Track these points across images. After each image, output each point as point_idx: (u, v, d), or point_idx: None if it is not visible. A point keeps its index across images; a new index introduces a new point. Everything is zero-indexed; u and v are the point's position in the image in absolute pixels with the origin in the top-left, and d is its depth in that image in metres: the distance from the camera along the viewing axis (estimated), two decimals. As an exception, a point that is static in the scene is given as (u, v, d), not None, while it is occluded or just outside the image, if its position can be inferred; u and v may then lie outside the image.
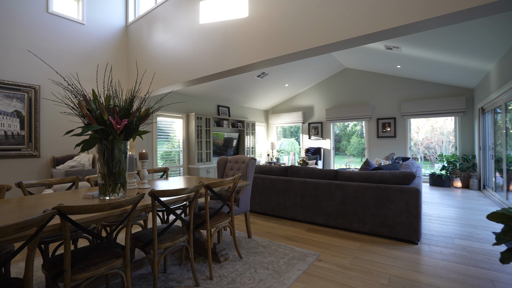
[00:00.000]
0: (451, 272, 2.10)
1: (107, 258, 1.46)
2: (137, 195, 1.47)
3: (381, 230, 2.89)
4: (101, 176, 1.80)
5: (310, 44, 2.82)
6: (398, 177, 2.88)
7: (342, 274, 2.10)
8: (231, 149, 8.17)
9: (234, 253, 2.52)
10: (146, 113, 1.89)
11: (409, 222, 2.73)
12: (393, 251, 2.52)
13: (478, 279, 1.99)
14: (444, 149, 9.61)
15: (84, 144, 1.70)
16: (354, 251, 2.55)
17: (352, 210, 3.10)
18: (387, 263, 2.27)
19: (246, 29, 3.36)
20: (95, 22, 4.94)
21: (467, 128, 6.32)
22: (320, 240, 2.85)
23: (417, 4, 2.18)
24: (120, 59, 5.28)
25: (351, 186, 3.14)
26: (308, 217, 3.46)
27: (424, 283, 1.94)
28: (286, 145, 10.57)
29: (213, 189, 2.07)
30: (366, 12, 2.45)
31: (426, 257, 2.39)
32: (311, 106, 9.11)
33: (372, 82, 7.67)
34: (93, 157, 4.59)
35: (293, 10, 2.93)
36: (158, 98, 5.79)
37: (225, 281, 2.00)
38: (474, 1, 1.94)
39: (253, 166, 3.01)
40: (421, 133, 10.35)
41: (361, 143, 11.99)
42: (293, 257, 2.41)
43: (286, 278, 2.04)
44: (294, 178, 3.64)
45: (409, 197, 2.74)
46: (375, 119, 7.68)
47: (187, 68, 4.10)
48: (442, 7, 2.07)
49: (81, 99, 1.71)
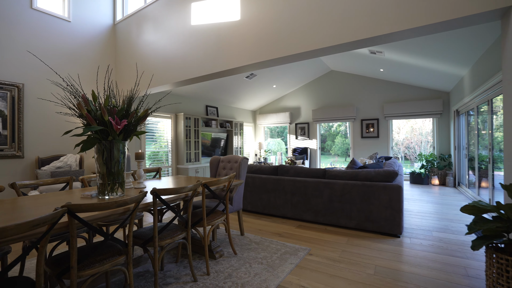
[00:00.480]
0: (429, 261, 2.29)
1: (110, 256, 1.50)
2: (140, 193, 1.52)
3: (367, 225, 3.07)
4: (100, 176, 1.82)
5: (300, 49, 2.95)
6: (382, 175, 3.07)
7: (331, 266, 2.24)
8: (219, 149, 8.18)
9: (229, 250, 2.60)
10: (144, 113, 1.93)
11: (392, 217, 2.93)
12: (378, 244, 2.70)
13: (453, 266, 2.19)
14: (423, 148, 10.12)
15: (84, 144, 1.72)
16: (342, 245, 2.70)
17: (340, 207, 3.26)
18: (373, 255, 2.44)
19: (238, 32, 3.44)
20: (82, 19, 4.84)
21: (444, 129, 6.72)
22: (310, 236, 2.98)
23: (396, 16, 2.36)
24: (107, 57, 5.19)
25: (338, 184, 3.30)
26: (297, 215, 3.59)
27: (406, 271, 2.12)
28: (272, 145, 10.73)
29: (209, 188, 2.14)
30: (352, 20, 2.60)
31: (408, 248, 2.58)
32: (298, 107, 9.30)
33: (357, 84, 7.96)
34: (80, 157, 4.50)
35: (284, 16, 3.05)
36: (149, 98, 5.74)
37: (222, 276, 2.08)
38: (444, 16, 2.13)
39: (245, 165, 3.10)
40: (402, 133, 10.85)
41: (345, 143, 12.38)
42: (285, 252, 2.53)
43: (280, 271, 2.15)
44: (284, 177, 3.77)
45: (392, 193, 2.94)
46: (360, 120, 7.97)
47: (179, 68, 4.12)
48: (418, 20, 2.25)
49: (81, 99, 1.73)
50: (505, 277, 1.58)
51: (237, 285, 1.94)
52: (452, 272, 2.10)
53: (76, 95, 1.77)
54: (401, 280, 1.99)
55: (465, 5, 2.07)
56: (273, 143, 10.89)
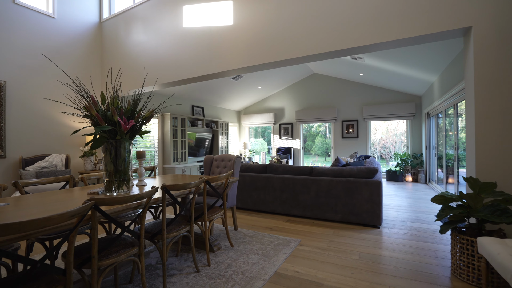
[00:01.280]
0: (405, 246, 2.60)
1: (124, 247, 1.61)
2: (152, 189, 1.64)
3: (350, 217, 3.35)
4: (107, 174, 1.91)
5: (289, 55, 3.16)
6: (364, 172, 3.37)
7: (321, 254, 2.47)
8: (203, 149, 8.20)
9: (225, 243, 2.75)
10: (150, 114, 2.04)
11: (372, 210, 3.23)
12: (360, 234, 2.98)
13: (425, 250, 2.50)
14: (397, 148, 10.82)
15: (93, 143, 1.81)
16: (329, 236, 2.95)
17: (326, 202, 3.52)
18: (357, 243, 2.70)
19: (231, 36, 3.60)
20: (67, 16, 4.74)
21: (416, 130, 7.29)
22: (299, 229, 3.21)
23: (378, 30, 2.64)
24: (93, 55, 5.11)
25: (324, 180, 3.56)
26: (286, 210, 3.81)
27: (385, 256, 2.40)
28: (255, 145, 10.96)
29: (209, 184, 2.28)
30: (338, 32, 2.85)
31: (386, 237, 2.88)
32: (282, 108, 9.58)
33: (338, 87, 8.37)
34: (66, 157, 4.42)
35: (276, 23, 3.25)
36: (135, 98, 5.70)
37: (222, 266, 2.23)
38: (417, 32, 2.44)
39: (239, 163, 3.26)
40: (378, 134, 11.52)
41: (325, 143, 12.87)
42: (278, 244, 2.73)
43: (275, 260, 2.34)
44: (273, 175, 3.97)
45: (372, 188, 3.24)
46: (340, 121, 8.39)
47: (170, 69, 4.19)
48: (395, 33, 2.54)
49: (90, 100, 1.81)
50: (465, 254, 1.88)
51: (238, 273, 2.11)
52: (424, 254, 2.41)
53: (85, 96, 1.84)
54: (382, 263, 2.26)
55: (435, 23, 2.39)
56: (256, 143, 11.13)
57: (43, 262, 1.09)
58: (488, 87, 2.23)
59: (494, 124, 2.20)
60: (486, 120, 2.23)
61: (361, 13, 2.73)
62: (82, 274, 1.41)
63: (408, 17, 2.51)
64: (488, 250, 1.54)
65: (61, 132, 4.60)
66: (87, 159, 4.51)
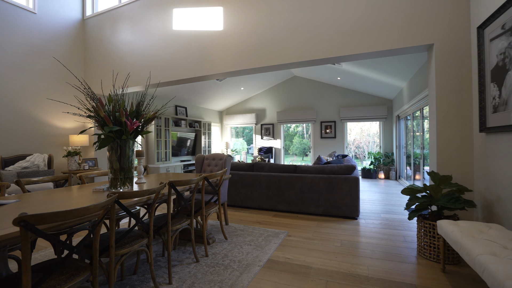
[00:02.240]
0: (379, 234, 2.96)
1: (135, 238, 1.75)
2: (160, 184, 1.80)
3: (332, 211, 3.68)
4: (112, 171, 2.02)
5: (277, 61, 3.41)
6: (344, 169, 3.71)
7: (307, 243, 2.74)
8: (185, 149, 8.19)
9: (219, 236, 2.93)
10: (153, 115, 2.17)
11: (351, 203, 3.58)
12: (341, 225, 3.31)
13: (395, 236, 2.87)
14: (370, 148, 11.56)
15: (101, 142, 1.92)
16: (313, 227, 3.24)
17: (309, 197, 3.82)
18: (338, 233, 3.02)
19: (221, 41, 3.77)
20: (49, 12, 4.62)
21: (388, 131, 7.91)
22: (286, 222, 3.47)
23: (357, 42, 2.97)
24: (75, 53, 5.01)
25: (308, 177, 3.86)
26: (273, 206, 4.06)
27: (363, 242, 2.72)
28: (236, 145, 11.17)
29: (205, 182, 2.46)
30: (322, 41, 3.15)
31: (363, 226, 3.23)
32: (264, 109, 9.85)
33: (317, 89, 8.81)
34: (48, 157, 4.32)
35: (265, 31, 3.48)
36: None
37: (219, 256, 2.42)
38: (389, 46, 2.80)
39: (229, 162, 3.45)
40: (352, 134, 12.23)
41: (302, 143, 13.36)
42: (268, 235, 2.96)
43: (267, 249, 2.57)
44: (260, 173, 4.20)
45: (351, 184, 3.59)
46: (319, 122, 8.83)
47: (159, 70, 4.26)
48: (372, 46, 2.89)
49: (97, 102, 1.91)
50: (428, 236, 2.24)
51: (235, 261, 2.31)
52: (395, 240, 2.77)
53: (93, 98, 1.94)
54: (360, 248, 2.58)
55: (404, 40, 2.76)
56: (237, 143, 11.33)
57: (80, 248, 1.22)
58: (447, 95, 2.63)
59: (451, 127, 2.61)
60: (445, 123, 2.63)
61: (341, 28, 3.05)
62: (100, 262, 1.54)
63: (381, 33, 2.86)
64: (445, 230, 1.88)
65: (42, 131, 4.48)
66: (71, 158, 4.44)
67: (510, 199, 1.92)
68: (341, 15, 3.04)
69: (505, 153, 1.99)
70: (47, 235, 1.04)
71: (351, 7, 2.99)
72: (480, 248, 1.45)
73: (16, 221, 0.96)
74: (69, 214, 1.08)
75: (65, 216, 1.07)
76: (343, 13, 3.03)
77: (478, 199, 2.43)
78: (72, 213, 1.09)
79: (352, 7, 2.99)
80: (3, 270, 1.40)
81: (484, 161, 2.31)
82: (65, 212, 1.06)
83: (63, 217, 1.06)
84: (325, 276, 2.05)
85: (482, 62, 2.24)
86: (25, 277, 1.01)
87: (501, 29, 1.98)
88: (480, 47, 2.26)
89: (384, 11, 2.84)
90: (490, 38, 2.13)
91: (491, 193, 2.18)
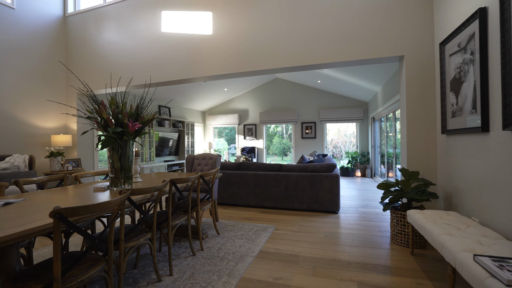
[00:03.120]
0: (357, 225, 3.27)
1: (140, 233, 1.87)
2: (163, 182, 1.93)
3: (315, 206, 3.96)
4: (113, 171, 2.11)
5: (264, 66, 3.62)
6: (325, 167, 4.00)
7: (294, 235, 2.98)
8: (167, 149, 8.13)
9: (211, 232, 3.08)
10: (152, 117, 2.29)
11: (332, 198, 3.88)
12: (323, 219, 3.59)
13: (372, 227, 3.20)
14: (347, 148, 12.17)
15: (103, 143, 2.01)
16: (298, 222, 3.50)
17: (294, 194, 4.08)
18: (321, 226, 3.29)
19: (210, 45, 3.90)
20: (28, 7, 4.47)
21: (364, 131, 8.43)
22: (273, 218, 3.69)
23: (337, 52, 3.26)
24: (55, 51, 4.88)
25: (292, 175, 4.11)
26: (259, 203, 4.27)
27: (344, 232, 3.02)
28: (218, 145, 11.28)
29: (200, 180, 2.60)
30: (306, 50, 3.40)
31: (343, 219, 3.54)
32: (247, 109, 10.04)
33: (298, 91, 9.16)
34: (29, 158, 4.20)
35: (252, 37, 3.67)
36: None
37: (214, 250, 2.58)
38: (365, 55, 3.12)
39: (219, 161, 3.60)
40: (330, 135, 12.80)
41: (282, 143, 13.72)
42: (257, 230, 3.16)
43: (258, 242, 2.77)
44: (247, 172, 4.40)
45: (332, 181, 3.89)
46: (300, 122, 9.19)
47: (146, 71, 4.30)
48: (350, 55, 3.20)
49: (100, 104, 2.00)
50: (400, 225, 2.57)
51: (229, 253, 2.48)
52: (371, 230, 3.09)
53: (95, 100, 2.02)
54: (341, 238, 2.86)
55: (378, 51, 3.08)
56: (219, 143, 11.44)
57: (100, 238, 1.34)
58: (415, 101, 2.99)
59: (418, 129, 2.97)
60: (413, 125, 2.99)
61: (323, 38, 3.32)
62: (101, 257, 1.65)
63: (359, 44, 3.17)
64: (413, 218, 2.20)
65: (21, 131, 4.33)
66: (54, 159, 4.34)
67: (465, 191, 2.28)
68: (323, 27, 3.32)
69: (461, 152, 2.35)
70: (76, 227, 1.16)
71: (332, 20, 3.28)
72: (439, 230, 1.75)
73: (52, 213, 1.08)
74: (95, 208, 1.21)
75: (92, 209, 1.20)
76: (325, 25, 3.31)
77: (440, 191, 2.80)
78: (98, 206, 1.22)
79: (334, 20, 3.27)
80: (16, 265, 1.47)
81: (445, 158, 2.68)
82: (92, 206, 1.19)
83: (90, 210, 1.18)
84: (312, 262, 2.29)
85: (443, 73, 2.61)
86: (56, 264, 1.12)
87: (457, 47, 2.34)
88: (442, 61, 2.62)
89: (362, 25, 3.15)
90: (450, 54, 2.49)
91: (451, 186, 2.55)
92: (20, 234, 1.04)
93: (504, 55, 1.68)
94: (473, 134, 2.12)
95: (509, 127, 1.64)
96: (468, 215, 2.21)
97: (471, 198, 2.17)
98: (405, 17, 3.00)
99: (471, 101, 2.11)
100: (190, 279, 2.01)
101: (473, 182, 2.13)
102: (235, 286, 1.92)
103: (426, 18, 2.94)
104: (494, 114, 1.85)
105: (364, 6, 3.15)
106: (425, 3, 2.94)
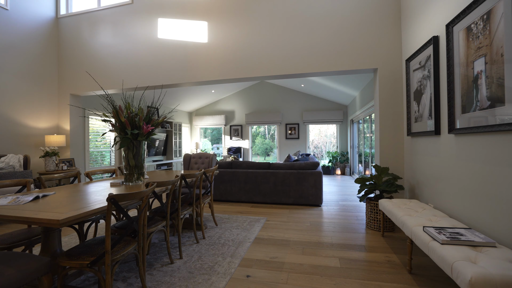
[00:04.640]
0: (338, 215, 3.73)
1: (155, 222, 2.17)
2: (176, 177, 2.24)
3: (300, 200, 4.39)
4: (128, 168, 2.39)
5: (255, 74, 3.99)
6: (310, 165, 4.45)
7: (284, 225, 3.38)
8: (154, 149, 8.20)
9: (209, 224, 3.40)
10: (163, 120, 2.58)
11: (316, 193, 4.32)
12: (308, 211, 4.02)
13: (350, 217, 3.68)
14: (327, 148, 12.84)
15: (121, 143, 2.28)
16: (286, 214, 3.90)
17: (282, 189, 4.48)
18: (307, 216, 3.72)
19: (205, 52, 4.21)
20: (21, 8, 4.52)
21: (343, 132, 9.06)
22: (263, 211, 4.07)
23: (318, 63, 3.70)
24: (48, 52, 4.94)
25: (280, 173, 4.52)
26: (250, 198, 4.63)
27: (326, 222, 3.46)
28: (204, 145, 11.51)
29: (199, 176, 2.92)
30: (292, 60, 3.81)
31: (326, 211, 3.99)
32: (233, 111, 10.35)
33: (283, 94, 9.63)
34: (24, 157, 4.27)
35: (245, 46, 4.02)
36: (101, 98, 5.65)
37: (214, 238, 2.90)
38: (343, 67, 3.59)
39: (215, 160, 3.92)
40: (311, 135, 13.42)
41: (265, 143, 14.14)
42: (251, 221, 3.52)
43: (253, 231, 3.14)
44: (238, 170, 4.74)
45: (316, 177, 4.34)
46: (284, 124, 9.66)
47: (142, 75, 4.51)
48: (329, 66, 3.65)
49: (118, 109, 2.26)
50: (373, 212, 3.04)
51: (229, 240, 2.83)
52: (350, 219, 3.57)
53: (113, 105, 2.28)
54: (325, 226, 3.29)
55: (355, 63, 3.56)
56: (205, 143, 11.67)
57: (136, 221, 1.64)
58: (386, 107, 3.49)
59: (389, 131, 3.47)
60: (385, 128, 3.49)
61: (308, 50, 3.75)
62: (132, 239, 1.94)
63: (339, 57, 3.63)
64: (383, 205, 2.66)
65: (14, 131, 4.38)
66: (49, 159, 4.43)
67: (424, 183, 2.79)
68: (309, 40, 3.75)
69: (421, 150, 2.86)
70: (123, 209, 1.46)
71: (316, 35, 3.71)
72: (402, 212, 2.21)
73: (108, 198, 1.38)
74: (136, 195, 1.52)
75: (134, 197, 1.50)
76: (310, 39, 3.74)
77: (406, 184, 3.32)
78: (138, 194, 1.53)
79: (318, 35, 3.71)
80: (57, 246, 1.73)
81: (410, 156, 3.20)
82: (133, 193, 1.49)
83: (132, 197, 1.49)
84: (301, 245, 2.70)
85: (408, 85, 3.12)
86: (107, 239, 1.42)
87: (419, 64, 2.84)
88: (407, 75, 3.13)
89: (342, 41, 3.62)
90: (413, 69, 3.00)
91: (414, 179, 3.06)
92: (89, 212, 1.33)
93: (449, 75, 2.17)
94: (430, 136, 2.63)
95: (452, 131, 2.13)
96: (426, 201, 2.72)
97: (428, 188, 2.68)
98: (379, 36, 3.50)
99: (428, 109, 2.61)
100: (199, 261, 2.33)
101: (430, 175, 2.64)
102: (239, 264, 2.27)
103: (396, 37, 3.45)
104: (443, 121, 2.35)
105: (344, 25, 3.62)
106: (395, 24, 3.45)
